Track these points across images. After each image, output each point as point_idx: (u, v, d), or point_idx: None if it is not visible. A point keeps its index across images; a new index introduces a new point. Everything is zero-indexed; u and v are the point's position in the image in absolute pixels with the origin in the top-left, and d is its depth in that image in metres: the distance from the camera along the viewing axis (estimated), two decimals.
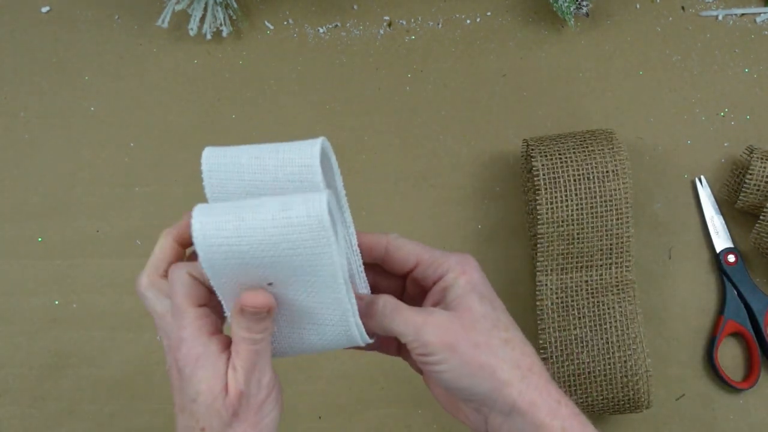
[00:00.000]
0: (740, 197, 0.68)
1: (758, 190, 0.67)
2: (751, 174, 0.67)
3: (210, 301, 0.44)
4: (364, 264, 0.47)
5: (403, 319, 0.44)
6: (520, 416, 0.43)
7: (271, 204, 0.41)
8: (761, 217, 0.67)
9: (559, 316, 0.65)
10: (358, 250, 0.47)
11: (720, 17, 0.74)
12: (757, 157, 0.67)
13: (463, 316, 0.44)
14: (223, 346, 0.43)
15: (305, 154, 0.44)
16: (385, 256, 0.47)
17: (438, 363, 0.43)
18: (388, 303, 0.45)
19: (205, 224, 0.41)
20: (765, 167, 0.66)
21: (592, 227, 0.65)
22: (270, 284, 0.43)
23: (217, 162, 0.46)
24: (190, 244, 0.44)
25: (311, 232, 0.40)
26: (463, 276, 0.45)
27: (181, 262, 0.45)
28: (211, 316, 0.44)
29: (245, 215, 0.41)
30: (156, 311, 0.45)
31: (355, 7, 0.77)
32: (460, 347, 0.43)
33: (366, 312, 0.45)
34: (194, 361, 0.42)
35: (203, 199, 0.74)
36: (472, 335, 0.43)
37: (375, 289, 0.48)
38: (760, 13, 0.74)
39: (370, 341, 0.46)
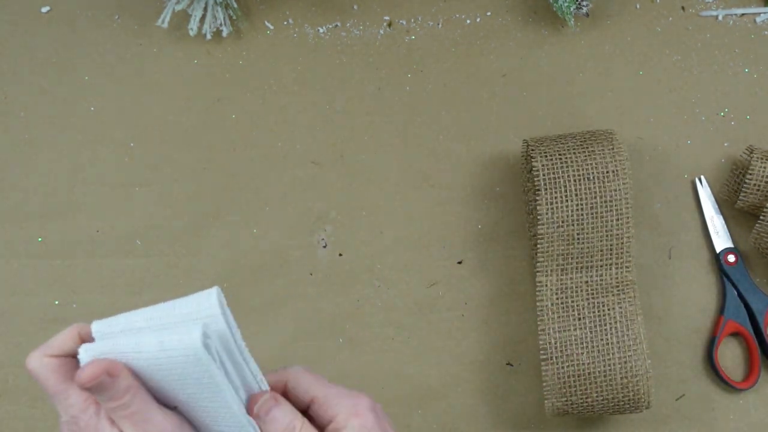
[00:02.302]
0: (740, 197, 0.68)
1: (758, 190, 0.67)
2: (751, 174, 0.67)
3: None
4: None
5: None
6: None
7: (149, 343, 0.41)
8: (761, 217, 0.67)
9: (559, 317, 0.65)
10: (265, 383, 0.46)
11: (720, 17, 0.74)
12: (757, 157, 0.67)
13: None
14: None
15: (203, 307, 0.42)
16: (288, 393, 0.47)
17: None
18: (305, 425, 0.45)
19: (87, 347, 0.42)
20: (765, 167, 0.66)
21: (592, 227, 0.65)
22: (174, 408, 0.43)
23: (108, 331, 0.44)
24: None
25: (193, 365, 0.40)
26: (356, 418, 0.45)
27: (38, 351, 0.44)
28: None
29: (129, 358, 0.41)
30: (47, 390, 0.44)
31: (355, 7, 0.77)
32: None
33: (283, 428, 0.44)
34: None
35: (204, 199, 0.74)
36: None
37: None
38: (760, 13, 0.74)
39: None
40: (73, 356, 0.43)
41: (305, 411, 0.46)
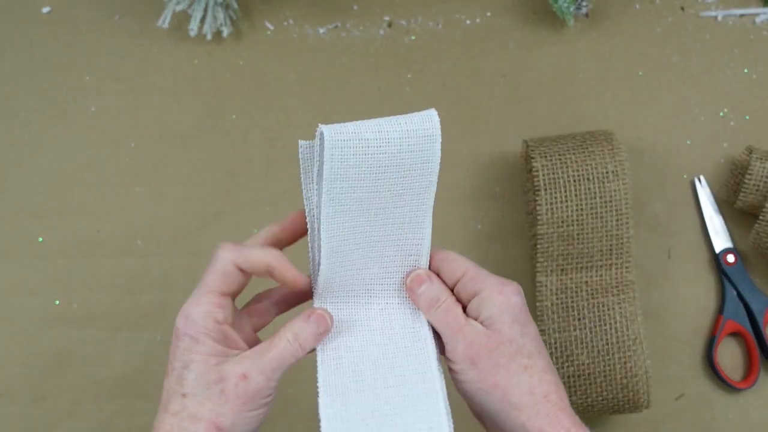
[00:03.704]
0: (739, 197, 0.68)
1: (757, 190, 0.67)
2: (750, 174, 0.67)
3: (237, 293, 0.48)
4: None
5: (450, 318, 0.47)
6: None
7: (390, 123, 0.47)
8: (760, 217, 0.67)
9: (559, 317, 0.65)
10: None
11: (719, 18, 0.74)
12: (757, 157, 0.67)
13: (491, 336, 0.46)
14: (222, 336, 0.46)
15: (427, 126, 0.47)
16: (438, 267, 0.51)
17: (459, 372, 0.47)
18: (449, 299, 0.48)
19: (331, 128, 0.46)
20: (764, 167, 0.67)
21: (592, 228, 0.65)
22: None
23: (341, 139, 0.47)
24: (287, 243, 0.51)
25: (422, 144, 0.47)
26: (500, 296, 0.47)
27: (235, 246, 0.48)
28: (227, 308, 0.47)
29: (366, 125, 0.47)
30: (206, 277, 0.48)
31: (355, 7, 0.77)
32: (480, 364, 0.46)
33: (429, 300, 0.49)
34: (192, 333, 0.46)
35: (204, 199, 0.74)
36: (494, 356, 0.46)
37: None
38: (759, 14, 0.74)
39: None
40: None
41: (454, 285, 0.50)
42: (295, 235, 0.51)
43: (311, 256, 0.50)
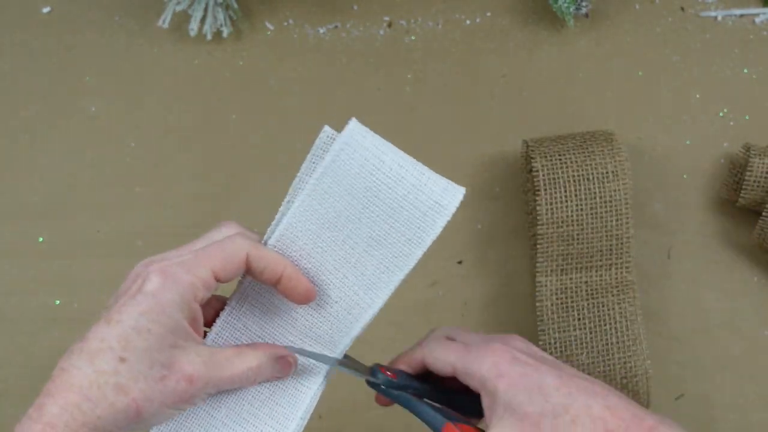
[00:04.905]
0: (741, 194, 0.68)
1: (758, 186, 0.67)
2: (750, 170, 0.67)
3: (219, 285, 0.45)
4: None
5: None
6: None
7: (414, 166, 0.43)
8: (764, 213, 0.67)
9: (558, 317, 0.65)
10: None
11: (719, 18, 0.74)
12: (755, 153, 0.67)
13: (523, 422, 0.43)
14: (191, 316, 0.43)
15: (446, 195, 0.44)
16: (429, 369, 0.48)
17: None
18: None
19: (359, 126, 0.43)
20: (764, 162, 0.67)
21: (592, 228, 0.65)
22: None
23: (360, 140, 0.43)
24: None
25: (428, 212, 0.43)
26: (500, 380, 0.44)
27: (252, 237, 0.46)
28: (210, 291, 0.44)
29: (392, 150, 0.43)
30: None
31: (355, 7, 0.77)
32: None
33: None
34: (167, 299, 0.42)
35: (204, 199, 0.74)
36: None
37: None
38: (759, 14, 0.74)
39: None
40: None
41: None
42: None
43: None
